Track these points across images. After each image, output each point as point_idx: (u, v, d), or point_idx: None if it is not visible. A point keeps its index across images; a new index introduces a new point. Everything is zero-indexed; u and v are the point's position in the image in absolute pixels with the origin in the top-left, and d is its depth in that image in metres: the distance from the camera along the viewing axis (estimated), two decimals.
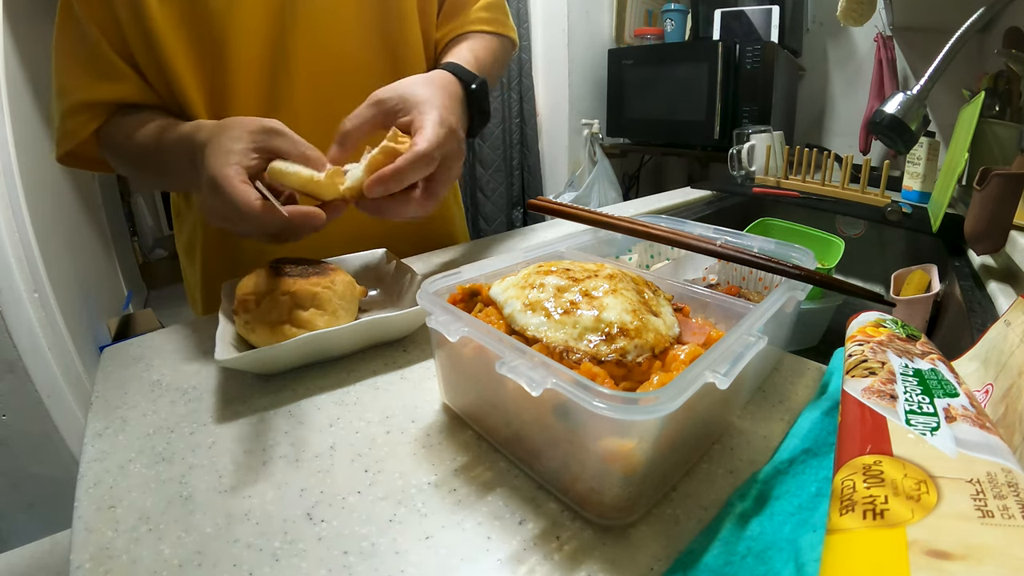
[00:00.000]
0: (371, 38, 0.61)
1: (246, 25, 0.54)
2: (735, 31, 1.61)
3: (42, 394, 1.17)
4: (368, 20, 0.60)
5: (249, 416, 0.36)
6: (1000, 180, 0.52)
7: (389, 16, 0.61)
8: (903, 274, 0.76)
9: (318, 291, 0.41)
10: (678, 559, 0.24)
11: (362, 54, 0.60)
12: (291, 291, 0.40)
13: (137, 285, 2.46)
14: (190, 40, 0.53)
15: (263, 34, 0.55)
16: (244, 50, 0.54)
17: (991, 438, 0.21)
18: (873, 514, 0.18)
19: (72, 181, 1.83)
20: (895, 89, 1.30)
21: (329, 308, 0.41)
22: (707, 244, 0.38)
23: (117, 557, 0.25)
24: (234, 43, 0.54)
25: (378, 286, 0.53)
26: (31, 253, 1.22)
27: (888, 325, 0.32)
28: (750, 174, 1.15)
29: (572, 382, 0.23)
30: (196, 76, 0.54)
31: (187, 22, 0.52)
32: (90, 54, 0.52)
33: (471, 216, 2.11)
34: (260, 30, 0.55)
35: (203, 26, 0.53)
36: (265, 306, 0.40)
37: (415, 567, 0.24)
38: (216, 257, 0.64)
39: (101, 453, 0.33)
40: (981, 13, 0.64)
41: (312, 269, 0.43)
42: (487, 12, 0.67)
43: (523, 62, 1.97)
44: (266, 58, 0.56)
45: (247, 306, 0.40)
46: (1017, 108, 0.78)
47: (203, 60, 0.54)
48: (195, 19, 0.52)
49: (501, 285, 0.32)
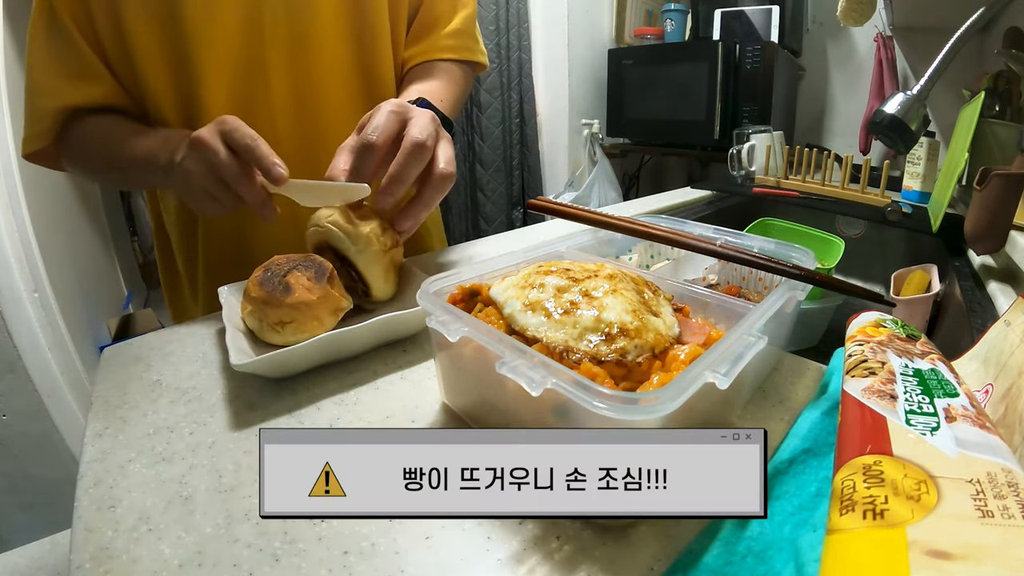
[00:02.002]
0: (346, 52, 0.60)
1: (221, 35, 0.53)
2: (735, 31, 1.61)
3: (42, 394, 1.17)
4: (344, 34, 0.59)
5: (249, 416, 0.36)
6: (1000, 180, 0.52)
7: (363, 31, 0.60)
8: (903, 274, 0.76)
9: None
10: (678, 559, 0.24)
11: (337, 67, 0.60)
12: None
13: (137, 285, 2.46)
14: (163, 46, 0.53)
15: (238, 45, 0.55)
16: (218, 60, 0.54)
17: (991, 438, 0.21)
18: (873, 514, 0.18)
19: (72, 181, 1.82)
20: (895, 89, 1.30)
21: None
22: (707, 244, 0.38)
23: (117, 557, 0.25)
24: (208, 52, 0.53)
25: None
26: (31, 253, 1.22)
27: (888, 325, 0.32)
28: (750, 174, 1.15)
29: (572, 382, 0.23)
30: (168, 83, 0.54)
31: (161, 26, 0.52)
32: (65, 50, 0.52)
33: (471, 216, 2.11)
34: (235, 41, 0.54)
35: (178, 32, 0.52)
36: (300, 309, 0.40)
37: (415, 567, 0.24)
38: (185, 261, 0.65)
39: (101, 453, 0.33)
40: (981, 13, 0.63)
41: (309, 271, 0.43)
42: (454, 39, 0.66)
43: (523, 62, 1.96)
44: (241, 70, 0.55)
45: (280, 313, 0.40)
46: (1017, 108, 0.78)
47: (175, 67, 0.54)
48: (170, 23, 0.52)
49: (501, 285, 0.32)
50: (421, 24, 0.66)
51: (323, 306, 0.41)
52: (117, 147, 0.53)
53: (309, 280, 0.41)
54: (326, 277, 0.42)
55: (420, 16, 0.65)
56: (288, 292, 0.40)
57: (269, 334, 0.40)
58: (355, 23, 0.59)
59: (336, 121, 0.61)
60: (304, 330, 0.40)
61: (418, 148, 0.44)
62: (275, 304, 0.39)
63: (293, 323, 0.40)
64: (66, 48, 0.52)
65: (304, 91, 0.59)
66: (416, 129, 0.45)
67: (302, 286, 0.40)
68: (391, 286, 0.48)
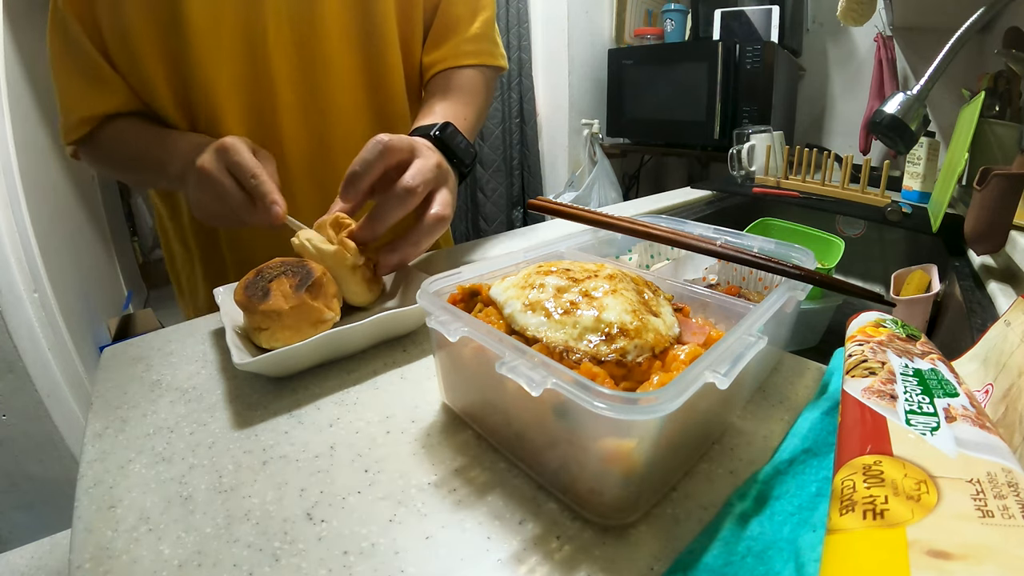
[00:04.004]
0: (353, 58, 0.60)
1: (227, 42, 0.53)
2: (735, 31, 1.61)
3: (42, 394, 1.17)
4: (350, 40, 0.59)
5: (249, 416, 0.36)
6: (1000, 180, 0.52)
7: (370, 37, 0.60)
8: (903, 274, 0.76)
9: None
10: (678, 559, 0.24)
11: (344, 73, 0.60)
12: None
13: (137, 285, 2.46)
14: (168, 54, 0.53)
15: (243, 52, 0.55)
16: (224, 67, 0.54)
17: (991, 438, 0.21)
18: (873, 514, 0.18)
19: (72, 181, 1.82)
20: (895, 89, 1.30)
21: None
22: (707, 244, 0.38)
23: (117, 557, 0.25)
24: (214, 61, 0.53)
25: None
26: (31, 253, 1.22)
27: (888, 325, 0.32)
28: (750, 174, 1.15)
29: (572, 382, 0.23)
30: (174, 91, 0.55)
31: (164, 34, 0.52)
32: (81, 60, 0.52)
33: (471, 216, 2.11)
34: (240, 48, 0.54)
35: (182, 41, 0.52)
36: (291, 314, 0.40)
37: (415, 567, 0.24)
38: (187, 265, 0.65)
39: (101, 453, 0.33)
40: (981, 13, 0.63)
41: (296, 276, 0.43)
42: (475, 44, 0.66)
43: (523, 62, 1.97)
44: (247, 77, 0.56)
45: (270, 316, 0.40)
46: (1017, 108, 0.78)
47: (181, 75, 0.54)
48: (173, 31, 0.52)
49: (501, 285, 0.32)
50: (440, 28, 0.65)
51: (296, 316, 0.39)
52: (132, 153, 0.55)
53: (290, 288, 0.40)
54: (306, 287, 0.40)
55: (438, 20, 0.65)
56: (264, 299, 0.39)
57: (254, 336, 0.40)
58: (361, 29, 0.59)
59: (343, 127, 0.61)
60: (277, 339, 0.39)
61: (406, 193, 0.45)
62: (251, 310, 0.39)
63: (268, 330, 0.39)
64: (81, 57, 0.52)
65: (310, 97, 0.59)
66: (411, 174, 0.46)
67: (280, 293, 0.40)
68: (368, 294, 0.48)
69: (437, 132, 0.54)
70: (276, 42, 0.55)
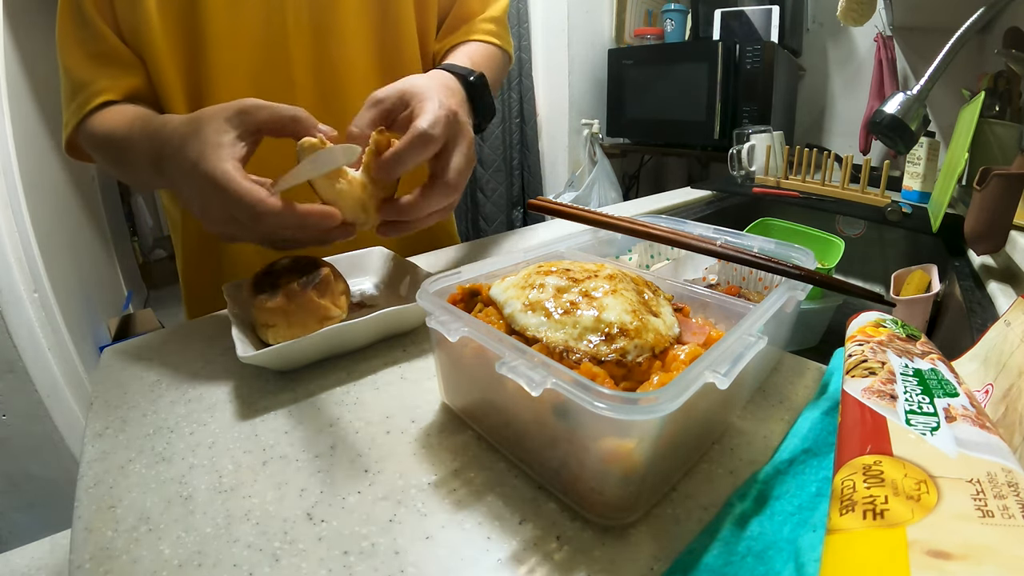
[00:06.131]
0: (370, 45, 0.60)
1: (245, 28, 0.53)
2: (735, 31, 1.61)
3: (42, 394, 1.17)
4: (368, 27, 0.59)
5: (249, 416, 0.36)
6: (1000, 180, 0.52)
7: (388, 25, 0.60)
8: (903, 274, 0.76)
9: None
10: (678, 559, 0.24)
11: (361, 61, 0.60)
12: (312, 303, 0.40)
13: (137, 285, 2.46)
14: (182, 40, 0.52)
15: (261, 38, 0.55)
16: (241, 53, 0.54)
17: (991, 438, 0.21)
18: (873, 514, 0.18)
19: (72, 181, 1.82)
20: (895, 89, 1.30)
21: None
22: (707, 244, 0.38)
23: (117, 557, 0.25)
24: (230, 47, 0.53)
25: (378, 284, 0.54)
26: (31, 253, 1.22)
27: (888, 325, 0.32)
28: (750, 174, 1.15)
29: (572, 382, 0.23)
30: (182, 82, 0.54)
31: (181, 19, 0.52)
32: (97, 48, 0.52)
33: (471, 216, 2.11)
34: (259, 34, 0.54)
35: (198, 28, 0.52)
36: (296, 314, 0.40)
37: (415, 567, 0.24)
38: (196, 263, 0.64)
39: (101, 453, 0.33)
40: (981, 13, 0.63)
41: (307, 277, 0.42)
42: (493, 25, 0.66)
43: (523, 62, 1.96)
44: (263, 64, 0.55)
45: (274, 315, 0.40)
46: (1017, 108, 0.78)
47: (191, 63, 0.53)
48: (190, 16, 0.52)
49: (501, 285, 0.32)
50: (454, 20, 0.66)
51: (303, 313, 0.39)
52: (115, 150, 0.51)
53: (298, 286, 0.40)
54: (313, 284, 0.40)
55: (454, 12, 0.66)
56: (271, 296, 0.39)
57: (261, 332, 0.40)
58: (379, 16, 0.60)
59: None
60: (283, 335, 0.39)
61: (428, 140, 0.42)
62: (258, 306, 0.40)
63: (275, 327, 0.40)
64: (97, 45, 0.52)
65: (327, 85, 0.59)
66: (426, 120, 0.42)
67: (288, 291, 0.40)
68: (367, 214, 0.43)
69: (473, 79, 0.52)
70: (295, 30, 0.55)
